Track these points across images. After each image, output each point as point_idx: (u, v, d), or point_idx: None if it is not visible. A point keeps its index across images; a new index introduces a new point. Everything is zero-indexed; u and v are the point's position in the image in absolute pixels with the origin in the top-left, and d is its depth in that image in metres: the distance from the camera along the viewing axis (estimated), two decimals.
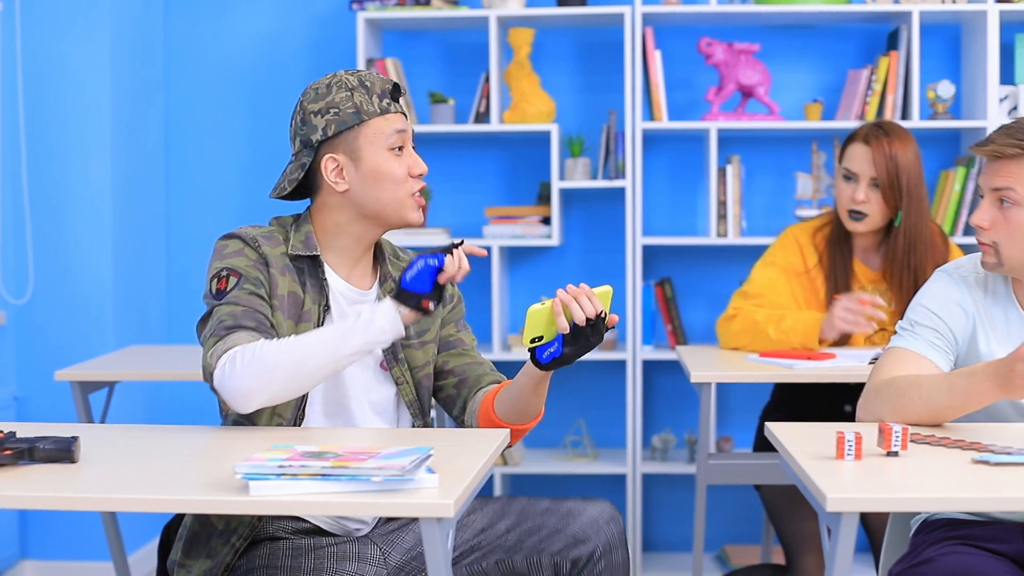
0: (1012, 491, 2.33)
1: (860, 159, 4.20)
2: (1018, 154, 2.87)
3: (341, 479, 2.25)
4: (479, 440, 2.70)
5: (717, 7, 5.26)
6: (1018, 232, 2.90)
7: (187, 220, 5.77)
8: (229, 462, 2.37)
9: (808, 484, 2.40)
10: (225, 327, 2.81)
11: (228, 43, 5.74)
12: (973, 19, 5.32)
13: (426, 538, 2.28)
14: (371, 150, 2.92)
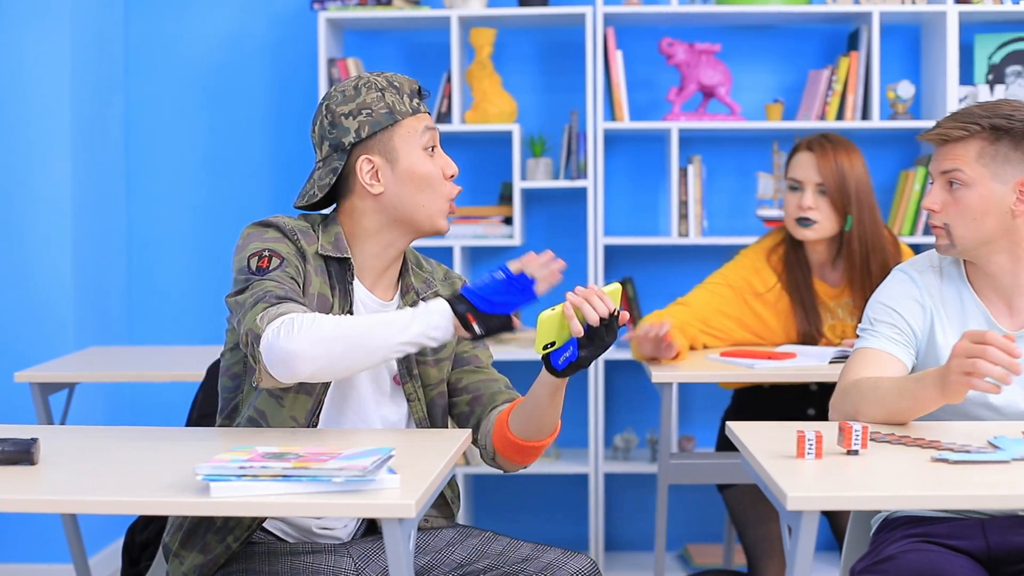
0: (970, 489, 2.35)
1: (805, 166, 4.18)
2: (964, 136, 2.94)
3: (302, 480, 2.25)
4: (440, 440, 2.70)
5: (678, 7, 5.27)
6: (967, 212, 2.95)
7: (148, 220, 5.75)
8: (190, 464, 2.36)
9: (769, 483, 2.41)
10: (276, 296, 2.67)
11: (189, 42, 5.72)
12: (933, 20, 5.35)
13: (387, 539, 2.28)
14: (407, 150, 2.85)
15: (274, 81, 5.70)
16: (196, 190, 5.74)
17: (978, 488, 2.35)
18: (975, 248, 2.99)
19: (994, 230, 2.95)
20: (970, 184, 2.94)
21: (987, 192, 2.93)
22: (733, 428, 2.82)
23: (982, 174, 2.93)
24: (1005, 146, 2.92)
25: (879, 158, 5.56)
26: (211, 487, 2.23)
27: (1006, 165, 2.92)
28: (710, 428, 5.47)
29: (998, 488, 2.36)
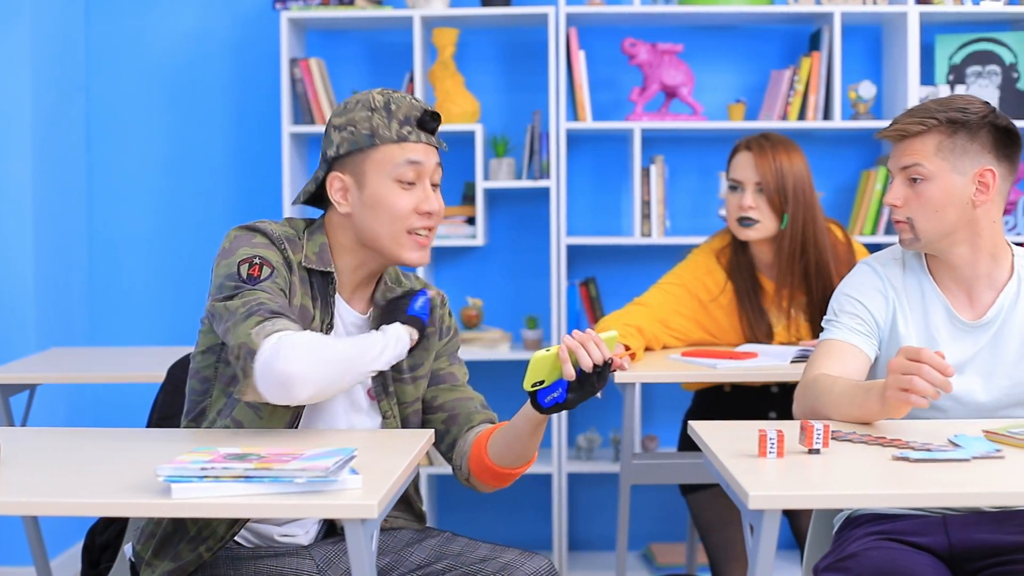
0: (931, 487, 2.36)
1: (744, 166, 4.18)
2: (922, 131, 2.99)
3: (264, 481, 2.24)
4: (403, 441, 2.69)
5: (641, 8, 5.28)
6: (930, 205, 3.00)
7: (109, 220, 5.72)
8: (152, 465, 2.35)
9: (731, 482, 2.41)
10: (269, 310, 2.65)
11: (151, 42, 5.70)
12: (894, 20, 5.37)
13: (350, 540, 2.28)
14: (376, 177, 2.79)
15: (236, 81, 5.69)
16: (158, 190, 5.72)
17: (939, 486, 2.36)
18: (938, 240, 3.03)
19: (956, 221, 3.00)
20: (931, 178, 2.99)
21: (948, 184, 2.98)
22: (695, 428, 2.82)
23: (942, 167, 2.98)
24: (962, 138, 2.98)
25: (841, 158, 5.58)
26: (173, 488, 2.23)
27: (964, 157, 2.98)
28: (673, 428, 5.48)
29: (958, 486, 2.37)
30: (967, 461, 2.50)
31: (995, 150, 3.00)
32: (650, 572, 5.38)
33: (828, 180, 5.57)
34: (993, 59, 5.40)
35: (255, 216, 5.62)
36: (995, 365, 3.02)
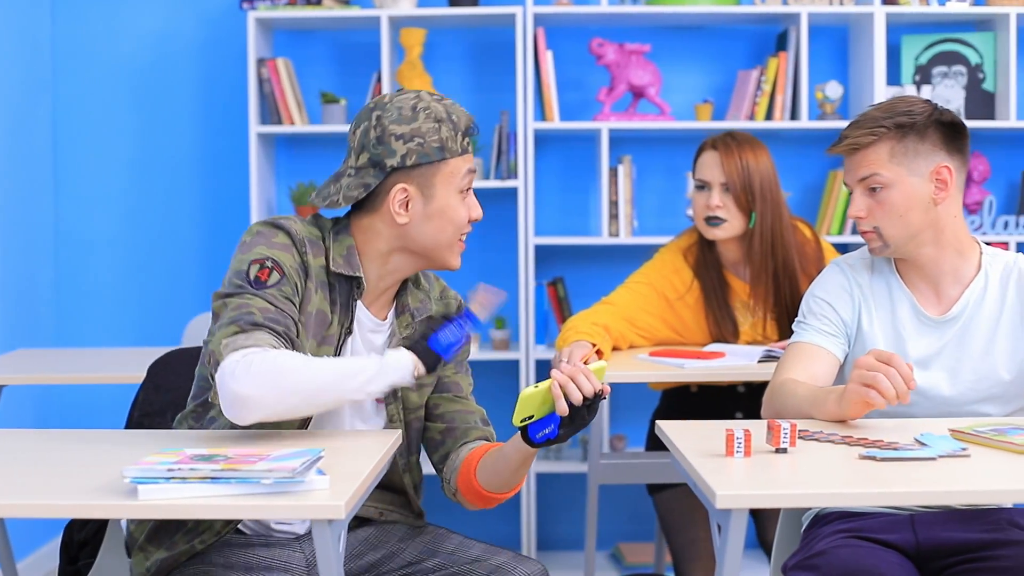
0: (898, 485, 2.37)
1: (710, 166, 4.16)
2: (872, 141, 3.02)
3: (231, 482, 2.23)
4: (370, 441, 2.69)
5: (608, 8, 5.28)
6: (893, 211, 3.03)
7: (76, 221, 5.70)
8: (119, 466, 2.34)
9: (698, 481, 2.42)
10: (252, 321, 2.62)
11: (117, 42, 5.68)
12: (860, 21, 5.39)
13: (317, 540, 2.28)
14: (445, 190, 2.78)
15: (203, 81, 5.67)
16: (125, 190, 5.70)
17: (905, 485, 2.37)
18: (906, 244, 3.06)
19: (920, 223, 3.03)
20: (890, 185, 3.01)
21: (907, 188, 3.01)
22: (663, 427, 2.83)
23: (899, 172, 3.01)
24: (912, 141, 3.01)
25: (808, 158, 5.60)
26: (139, 490, 2.22)
27: (917, 159, 3.01)
28: (641, 428, 5.49)
29: (925, 484, 2.38)
30: (933, 460, 2.51)
31: (946, 146, 3.03)
32: (618, 572, 5.39)
33: (795, 180, 5.58)
34: (959, 60, 5.42)
35: (221, 216, 5.62)
36: (961, 360, 3.04)
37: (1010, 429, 2.69)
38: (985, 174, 5.43)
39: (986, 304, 3.07)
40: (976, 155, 5.43)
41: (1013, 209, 5.59)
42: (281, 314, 2.66)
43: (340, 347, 2.81)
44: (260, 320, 2.63)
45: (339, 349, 2.80)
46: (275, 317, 2.65)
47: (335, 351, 2.79)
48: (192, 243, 5.69)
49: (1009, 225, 5.31)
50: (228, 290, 2.70)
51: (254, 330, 2.62)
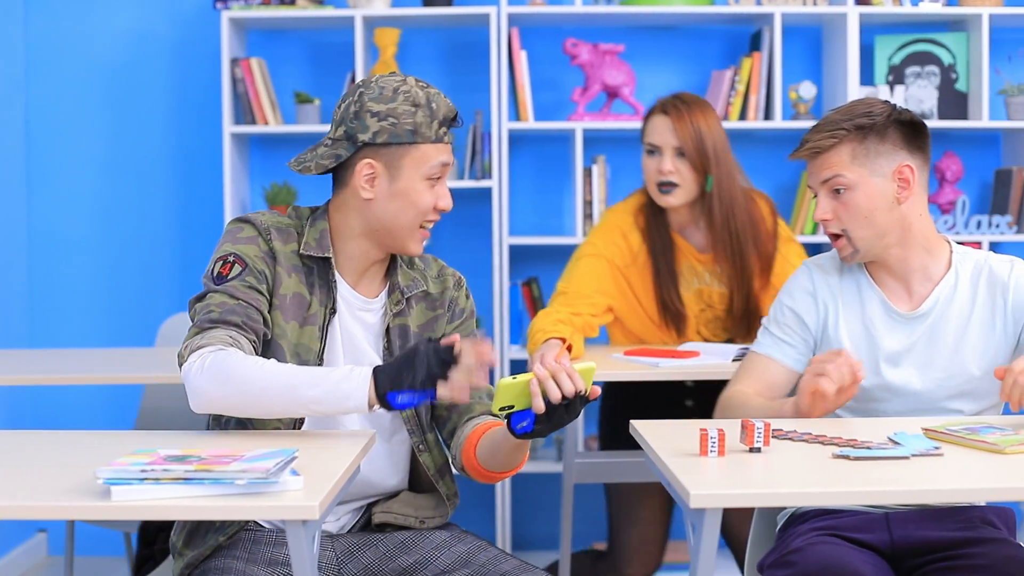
0: (871, 484, 2.37)
1: (661, 130, 4.12)
2: (834, 143, 3.06)
3: (204, 483, 2.23)
4: (345, 441, 2.68)
5: (582, 8, 5.29)
6: (859, 213, 3.06)
7: (49, 221, 5.68)
8: (92, 467, 2.33)
9: (672, 481, 2.42)
10: (210, 320, 2.74)
11: (90, 41, 5.66)
12: (833, 21, 5.40)
13: (291, 541, 2.27)
14: (411, 173, 2.83)
15: (177, 81, 5.66)
16: (98, 190, 5.68)
17: (879, 483, 2.38)
18: (874, 246, 3.08)
19: (887, 223, 3.06)
20: (853, 186, 3.05)
21: (871, 189, 3.04)
22: (637, 427, 2.83)
23: (861, 174, 3.05)
24: (873, 141, 3.04)
25: (781, 158, 5.60)
26: (112, 491, 2.21)
27: (879, 159, 3.04)
28: None
29: (898, 483, 2.39)
30: (907, 459, 2.52)
31: (906, 145, 3.06)
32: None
33: (769, 179, 5.59)
34: (932, 60, 5.44)
35: (195, 217, 5.61)
36: (931, 356, 3.06)
37: (982, 428, 2.70)
38: (958, 174, 5.45)
39: (956, 301, 3.08)
40: (949, 155, 5.45)
41: (986, 209, 5.61)
42: (241, 304, 2.77)
43: (326, 327, 2.87)
44: (217, 316, 2.75)
45: (324, 329, 2.87)
46: (232, 308, 2.76)
47: (320, 331, 2.86)
48: (166, 243, 5.68)
49: (982, 225, 5.32)
50: (198, 292, 2.83)
51: (211, 328, 2.74)
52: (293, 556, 2.28)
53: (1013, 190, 5.35)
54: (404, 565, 2.90)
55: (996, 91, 5.50)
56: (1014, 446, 2.56)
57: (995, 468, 2.47)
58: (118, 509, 2.22)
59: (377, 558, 2.90)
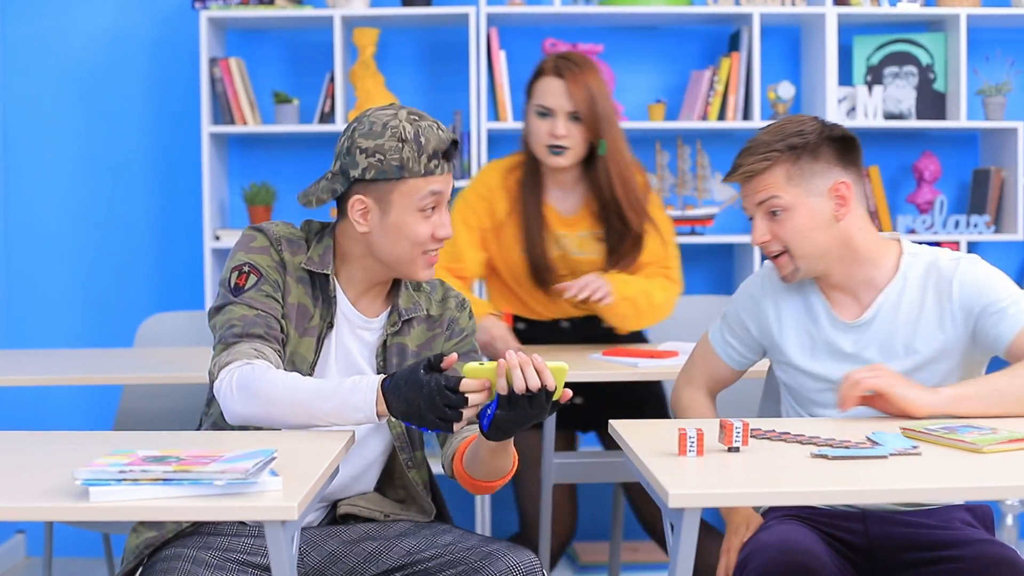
0: (850, 484, 2.38)
1: (555, 93, 4.08)
2: (767, 166, 3.01)
3: (183, 483, 2.23)
4: (323, 442, 2.68)
5: (561, 8, 5.29)
6: (798, 232, 3.02)
7: (26, 221, 5.66)
8: (70, 468, 2.33)
9: (651, 480, 2.42)
10: (234, 334, 2.82)
11: (67, 41, 5.64)
12: (812, 21, 5.41)
13: (270, 541, 2.27)
14: (401, 206, 2.86)
15: (155, 81, 5.64)
16: (76, 190, 5.66)
17: (858, 482, 2.38)
18: (816, 264, 3.05)
19: (827, 241, 3.03)
20: (790, 207, 3.01)
21: (808, 209, 3.01)
22: (616, 427, 2.83)
23: (797, 194, 3.01)
24: (806, 161, 3.00)
25: None
26: (90, 492, 2.20)
27: (814, 178, 3.01)
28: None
29: (877, 482, 2.39)
30: (885, 458, 2.53)
31: (840, 161, 3.03)
32: (573, 571, 5.39)
33: None
34: (910, 60, 5.45)
35: (174, 217, 5.59)
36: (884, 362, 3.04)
37: (961, 427, 2.71)
38: (936, 174, 5.46)
39: (903, 306, 3.05)
40: (927, 155, 5.46)
41: (964, 208, 5.63)
42: (260, 315, 2.85)
43: (321, 339, 2.93)
44: (240, 331, 2.83)
45: (320, 341, 2.93)
46: (253, 320, 2.84)
47: (316, 342, 2.92)
48: (144, 244, 5.66)
49: (960, 224, 5.34)
50: (216, 303, 2.91)
51: (236, 342, 2.82)
52: (272, 556, 2.28)
53: (991, 190, 5.37)
54: (368, 550, 2.91)
55: (974, 91, 5.51)
56: (992, 445, 2.57)
57: (973, 467, 2.48)
58: (96, 510, 2.21)
59: (340, 545, 2.92)
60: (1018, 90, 5.61)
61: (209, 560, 2.77)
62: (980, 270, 3.03)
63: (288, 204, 5.61)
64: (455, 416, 2.60)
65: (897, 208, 5.62)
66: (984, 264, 3.05)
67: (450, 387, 2.60)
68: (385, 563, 2.89)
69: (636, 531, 5.56)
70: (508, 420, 2.64)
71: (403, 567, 2.88)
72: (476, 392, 2.61)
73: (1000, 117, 5.43)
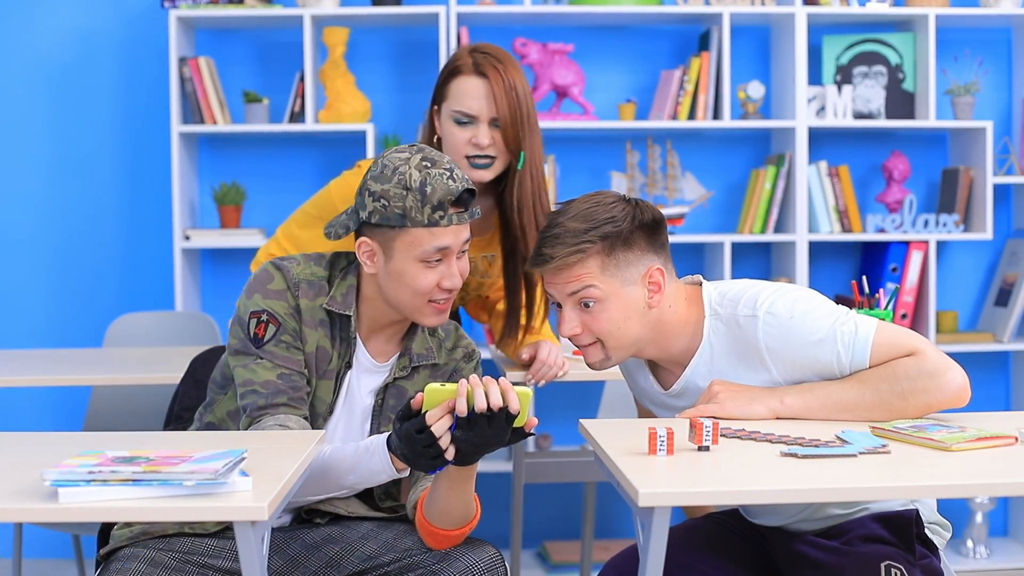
0: (820, 482, 2.38)
1: (476, 96, 3.54)
2: (581, 258, 2.86)
3: (153, 484, 2.22)
4: (293, 442, 2.68)
5: (531, 7, 5.29)
6: (612, 324, 2.89)
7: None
8: (38, 469, 2.32)
9: (621, 480, 2.42)
10: (258, 407, 2.81)
11: (36, 39, 5.62)
12: (781, 21, 5.43)
13: (240, 542, 2.27)
14: (403, 256, 2.81)
15: (124, 80, 5.62)
16: (44, 190, 5.64)
17: (827, 481, 2.39)
18: (629, 350, 2.95)
19: (640, 329, 2.91)
20: (604, 298, 2.87)
21: (623, 299, 2.88)
22: (586, 426, 2.83)
23: (612, 285, 2.87)
24: (620, 251, 2.87)
25: (730, 157, 5.63)
26: (60, 493, 2.20)
27: (628, 268, 2.88)
28: (567, 425, 5.50)
29: (846, 480, 2.40)
30: (854, 456, 2.53)
31: (650, 246, 2.90)
32: (544, 570, 5.40)
33: (718, 179, 5.61)
34: (879, 60, 5.47)
35: (143, 217, 5.58)
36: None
37: (929, 426, 2.72)
38: (905, 173, 5.48)
39: (714, 373, 2.94)
40: (896, 154, 5.48)
41: (933, 207, 5.65)
42: (284, 375, 2.84)
43: (339, 380, 2.92)
44: (264, 403, 2.82)
45: (338, 382, 2.92)
46: (277, 387, 2.83)
47: (335, 384, 2.91)
48: (114, 243, 5.64)
49: (929, 224, 5.36)
50: (235, 346, 2.88)
51: (261, 416, 2.82)
52: (242, 557, 2.28)
53: (960, 189, 5.39)
54: (330, 554, 2.91)
55: (943, 91, 5.54)
56: (960, 443, 2.58)
57: (942, 465, 2.48)
58: (66, 511, 2.20)
59: (303, 549, 2.92)
60: (986, 90, 5.63)
61: (167, 562, 2.77)
62: (780, 322, 2.84)
63: (258, 204, 5.60)
64: (436, 451, 2.57)
65: (866, 207, 5.64)
66: (784, 304, 2.87)
67: (418, 429, 2.56)
68: (346, 568, 2.88)
69: (607, 530, 5.57)
70: (467, 442, 2.59)
71: (362, 572, 2.88)
72: (439, 421, 2.56)
73: (969, 117, 5.45)
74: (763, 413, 2.82)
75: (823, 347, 2.82)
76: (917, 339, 2.82)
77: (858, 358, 2.80)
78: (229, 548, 2.84)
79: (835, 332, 2.82)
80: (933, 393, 2.77)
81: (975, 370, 5.69)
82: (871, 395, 2.78)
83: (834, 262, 5.67)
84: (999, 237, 5.65)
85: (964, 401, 2.79)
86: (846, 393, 2.81)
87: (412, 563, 2.84)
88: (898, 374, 2.77)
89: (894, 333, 2.82)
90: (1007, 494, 2.73)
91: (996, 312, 5.52)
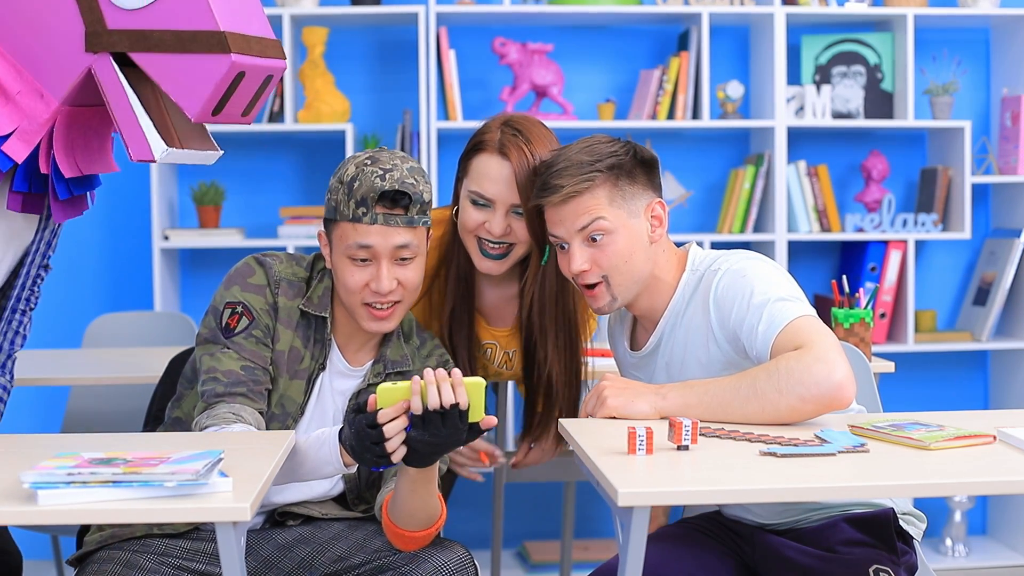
0: (799, 481, 2.39)
1: (496, 180, 3.14)
2: (590, 186, 2.89)
3: (133, 485, 2.22)
4: (267, 442, 2.67)
5: (511, 7, 5.29)
6: (619, 258, 2.92)
7: None
8: (14, 471, 2.31)
9: (600, 479, 2.43)
10: (215, 393, 2.81)
11: None
12: (760, 21, 5.43)
13: (221, 542, 2.27)
14: (336, 249, 2.88)
15: None
16: None
17: (806, 480, 2.39)
18: (631, 291, 2.96)
19: (643, 266, 2.94)
20: (614, 230, 2.90)
21: (629, 231, 2.92)
22: (565, 425, 2.84)
23: (619, 215, 2.90)
24: (624, 181, 2.91)
25: (709, 157, 5.64)
26: (39, 495, 2.19)
27: (632, 200, 2.92)
28: None
29: (824, 480, 2.41)
30: (833, 455, 2.54)
31: (650, 182, 2.96)
32: (524, 570, 5.40)
33: (697, 179, 5.62)
34: (858, 60, 5.48)
35: (122, 216, 5.56)
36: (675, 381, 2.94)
37: (908, 424, 2.73)
38: (884, 173, 5.50)
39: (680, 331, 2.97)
40: (875, 154, 5.50)
41: (911, 207, 5.66)
42: (247, 367, 2.84)
43: (311, 382, 2.93)
44: (223, 390, 2.82)
45: (310, 384, 2.93)
46: (239, 377, 2.83)
47: (307, 383, 2.92)
48: (92, 244, 5.63)
49: (908, 223, 5.37)
50: (204, 335, 2.90)
51: (216, 403, 2.81)
52: (223, 557, 2.28)
53: (938, 189, 5.40)
54: (301, 555, 2.92)
55: (921, 91, 5.55)
56: (939, 442, 2.59)
57: (920, 464, 2.49)
58: (44, 513, 2.20)
59: (275, 550, 2.93)
60: (965, 90, 5.65)
61: (143, 563, 2.76)
62: (734, 278, 2.87)
63: (237, 204, 5.59)
64: (383, 451, 2.53)
65: (845, 207, 5.65)
66: (748, 265, 2.89)
67: (370, 424, 2.53)
68: (318, 570, 2.90)
69: (587, 529, 5.58)
70: (422, 442, 2.55)
71: (334, 574, 2.88)
72: (393, 419, 2.53)
73: (947, 116, 5.46)
74: (647, 411, 2.82)
75: (752, 312, 2.81)
76: (820, 336, 2.75)
77: (769, 333, 2.78)
78: (202, 550, 2.85)
79: (771, 302, 2.80)
80: (808, 386, 2.69)
81: (953, 369, 5.71)
82: (747, 388, 2.74)
83: (813, 261, 5.68)
84: (977, 236, 5.67)
85: (842, 401, 2.72)
86: (724, 389, 2.78)
87: (382, 564, 2.84)
88: (779, 367, 2.72)
89: (808, 327, 2.77)
90: (985, 493, 2.75)
91: (974, 311, 5.54)
